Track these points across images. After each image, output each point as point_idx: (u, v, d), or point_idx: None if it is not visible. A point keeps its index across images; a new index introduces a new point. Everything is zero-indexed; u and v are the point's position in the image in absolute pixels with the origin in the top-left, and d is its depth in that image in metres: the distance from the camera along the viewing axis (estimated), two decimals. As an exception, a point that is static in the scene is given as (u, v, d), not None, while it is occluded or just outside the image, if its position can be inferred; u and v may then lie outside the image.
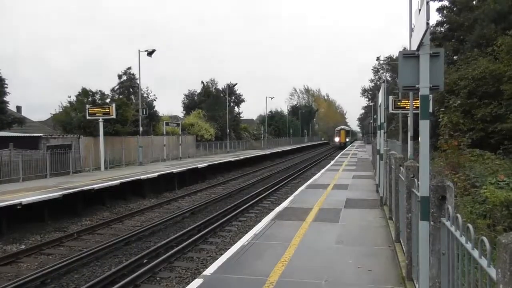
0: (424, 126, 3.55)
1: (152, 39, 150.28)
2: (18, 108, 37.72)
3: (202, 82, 53.53)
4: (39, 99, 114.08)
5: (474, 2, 28.60)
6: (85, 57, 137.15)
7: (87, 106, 23.08)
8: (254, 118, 78.51)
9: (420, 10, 3.49)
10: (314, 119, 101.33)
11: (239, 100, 58.74)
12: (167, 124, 31.42)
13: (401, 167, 6.07)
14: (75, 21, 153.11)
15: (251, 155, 35.98)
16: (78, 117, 24.19)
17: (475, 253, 2.27)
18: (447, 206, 3.10)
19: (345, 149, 54.23)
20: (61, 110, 26.24)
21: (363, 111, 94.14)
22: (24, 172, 17.51)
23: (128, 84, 40.65)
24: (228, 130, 42.96)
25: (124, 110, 26.19)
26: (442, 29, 31.04)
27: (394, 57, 45.57)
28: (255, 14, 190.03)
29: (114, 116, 22.64)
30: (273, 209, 11.02)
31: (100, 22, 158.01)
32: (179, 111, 54.37)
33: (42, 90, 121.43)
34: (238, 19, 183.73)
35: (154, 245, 10.02)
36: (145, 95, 35.74)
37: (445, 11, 30.70)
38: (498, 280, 1.84)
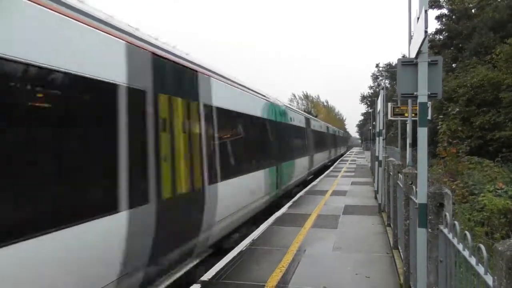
0: (422, 133, 3.57)
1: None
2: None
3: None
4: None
5: (473, 11, 28.80)
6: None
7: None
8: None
9: (418, 18, 3.52)
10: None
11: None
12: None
13: (399, 174, 6.09)
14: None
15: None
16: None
17: (473, 261, 2.28)
18: (444, 213, 3.11)
19: (344, 155, 51.77)
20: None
21: (362, 117, 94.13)
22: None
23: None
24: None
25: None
26: (441, 37, 31.23)
27: (393, 64, 45.76)
28: (255, 18, 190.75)
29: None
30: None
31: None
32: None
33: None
34: (239, 22, 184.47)
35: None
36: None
37: (444, 19, 30.91)
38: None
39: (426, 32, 3.23)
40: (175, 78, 5.47)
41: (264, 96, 10.76)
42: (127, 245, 4.09)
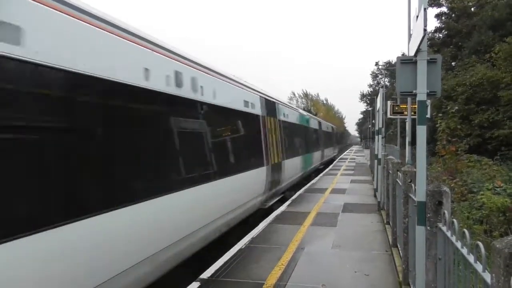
0: (421, 131, 3.57)
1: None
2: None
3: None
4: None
5: (472, 9, 28.80)
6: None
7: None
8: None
9: (418, 16, 3.52)
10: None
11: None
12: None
13: (398, 172, 6.10)
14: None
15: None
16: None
17: (471, 258, 2.29)
18: (443, 211, 3.12)
19: (344, 153, 51.88)
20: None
21: (362, 116, 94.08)
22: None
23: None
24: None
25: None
26: (441, 35, 31.24)
27: (393, 62, 45.74)
28: (254, 18, 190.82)
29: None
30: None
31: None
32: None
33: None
34: (240, 22, 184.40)
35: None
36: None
37: (443, 18, 30.92)
38: (492, 285, 1.86)
39: (425, 30, 3.23)
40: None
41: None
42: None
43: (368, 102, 68.60)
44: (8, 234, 2.90)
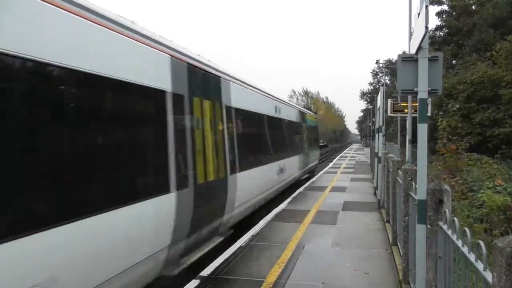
0: (422, 129, 3.56)
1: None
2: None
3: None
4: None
5: (473, 7, 28.74)
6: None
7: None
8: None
9: (419, 14, 3.50)
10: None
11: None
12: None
13: (399, 170, 6.09)
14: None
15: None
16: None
17: (472, 257, 2.28)
18: (444, 210, 3.11)
19: (344, 151, 52.50)
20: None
21: (362, 114, 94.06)
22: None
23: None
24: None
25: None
26: (441, 33, 31.19)
27: (393, 61, 45.66)
28: (255, 16, 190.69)
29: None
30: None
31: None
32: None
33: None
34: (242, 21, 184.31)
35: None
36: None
37: (444, 16, 30.86)
38: (493, 284, 1.85)
39: (426, 28, 3.20)
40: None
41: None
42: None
43: (368, 100, 68.59)
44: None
